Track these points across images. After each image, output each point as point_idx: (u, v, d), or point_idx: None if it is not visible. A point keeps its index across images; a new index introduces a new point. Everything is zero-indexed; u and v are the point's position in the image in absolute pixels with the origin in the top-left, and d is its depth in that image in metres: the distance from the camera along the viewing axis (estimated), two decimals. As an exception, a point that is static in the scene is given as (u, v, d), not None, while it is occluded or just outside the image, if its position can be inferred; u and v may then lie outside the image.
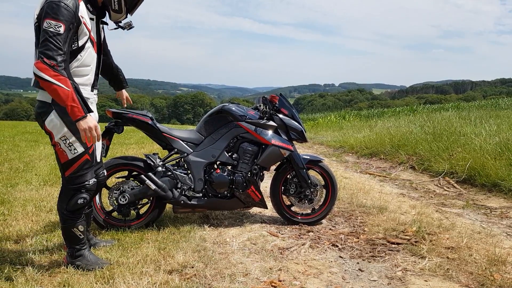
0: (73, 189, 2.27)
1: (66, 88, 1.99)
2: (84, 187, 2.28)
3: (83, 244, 2.37)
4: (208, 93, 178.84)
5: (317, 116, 22.98)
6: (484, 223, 3.61)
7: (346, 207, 4.00)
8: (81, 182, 2.26)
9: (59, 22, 2.00)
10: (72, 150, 2.21)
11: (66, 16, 2.03)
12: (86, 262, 2.33)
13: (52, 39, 1.99)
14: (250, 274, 2.38)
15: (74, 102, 2.01)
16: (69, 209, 2.27)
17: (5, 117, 57.81)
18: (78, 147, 2.21)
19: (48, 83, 1.98)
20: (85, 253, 2.36)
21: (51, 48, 1.98)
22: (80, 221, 2.33)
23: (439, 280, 2.37)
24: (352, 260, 2.68)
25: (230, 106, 3.31)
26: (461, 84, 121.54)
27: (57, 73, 1.98)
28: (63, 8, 2.02)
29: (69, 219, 2.29)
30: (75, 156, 2.22)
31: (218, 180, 3.19)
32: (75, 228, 2.31)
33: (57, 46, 2.00)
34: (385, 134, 8.84)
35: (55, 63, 1.98)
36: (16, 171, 5.37)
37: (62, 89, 1.98)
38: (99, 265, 2.34)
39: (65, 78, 2.01)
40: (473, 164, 5.16)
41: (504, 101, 17.40)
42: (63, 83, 1.99)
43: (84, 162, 2.25)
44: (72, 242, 2.34)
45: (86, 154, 2.25)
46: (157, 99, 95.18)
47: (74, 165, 2.23)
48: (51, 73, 1.97)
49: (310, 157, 3.45)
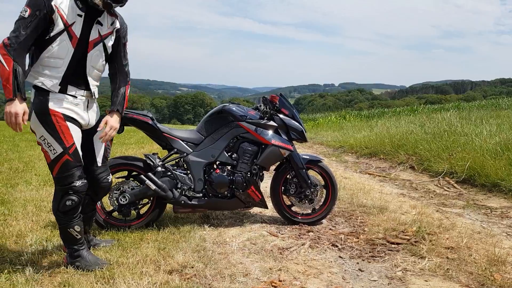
0: (61, 190, 2.25)
1: (7, 67, 2.03)
2: (71, 189, 2.23)
3: (81, 244, 2.36)
4: (208, 93, 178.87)
5: (318, 116, 22.99)
6: (484, 223, 3.62)
7: (346, 207, 4.00)
8: (68, 183, 2.22)
9: (27, 7, 2.08)
10: (52, 150, 2.19)
11: (33, 2, 2.08)
12: (85, 262, 2.33)
13: (17, 23, 2.07)
14: (250, 274, 2.38)
15: (7, 82, 2.04)
16: (60, 210, 2.26)
17: (5, 117, 57.75)
18: (57, 147, 2.18)
19: None
20: (84, 254, 2.35)
21: (13, 31, 2.06)
22: (76, 221, 2.30)
23: (439, 280, 2.37)
24: (352, 260, 2.68)
25: (230, 107, 3.31)
26: (461, 84, 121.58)
27: (6, 53, 2.04)
28: None
29: (63, 220, 2.28)
30: (55, 156, 2.19)
31: (218, 180, 3.19)
32: (71, 229, 2.30)
33: (18, 28, 2.06)
34: (385, 134, 8.84)
35: (9, 43, 2.05)
36: (16, 171, 5.37)
37: (3, 68, 2.03)
38: (98, 265, 2.33)
39: (9, 59, 2.04)
40: (473, 164, 5.16)
41: (504, 101, 17.40)
42: (6, 62, 2.03)
43: (65, 162, 2.20)
44: (70, 242, 2.33)
45: (66, 154, 2.19)
46: (157, 99, 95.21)
47: (57, 166, 2.20)
48: (2, 51, 2.04)
49: (310, 157, 3.45)
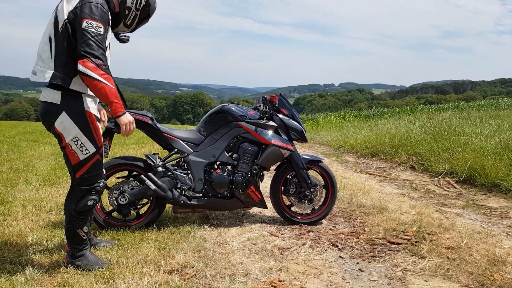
0: (84, 190, 2.29)
1: (111, 86, 2.13)
2: (94, 189, 2.31)
3: (85, 244, 2.39)
4: (208, 93, 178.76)
5: (317, 116, 22.98)
6: (484, 223, 3.62)
7: (346, 207, 4.00)
8: (93, 183, 2.30)
9: (99, 23, 2.12)
10: (84, 150, 2.22)
11: (104, 18, 2.16)
12: (86, 262, 2.34)
13: (95, 39, 2.09)
14: (250, 274, 2.38)
15: (116, 98, 2.17)
16: (77, 210, 2.29)
17: (5, 117, 57.80)
18: (90, 147, 2.23)
19: (96, 82, 2.08)
20: (86, 253, 2.37)
21: (96, 48, 2.09)
22: (87, 222, 2.36)
23: (439, 280, 2.37)
24: (352, 260, 2.68)
25: (230, 106, 3.31)
26: (461, 84, 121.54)
27: (104, 72, 2.10)
28: (101, 10, 2.15)
29: (76, 220, 2.31)
30: (87, 156, 2.23)
31: (218, 180, 3.19)
32: (80, 229, 2.33)
33: (100, 46, 2.11)
34: (385, 134, 8.84)
35: (101, 62, 2.10)
36: (16, 171, 5.37)
37: (108, 87, 2.11)
38: (99, 265, 2.34)
39: (110, 77, 2.14)
40: (473, 164, 5.16)
41: (504, 101, 17.40)
42: (109, 82, 2.12)
43: (96, 162, 2.27)
44: (76, 242, 2.35)
45: (98, 154, 2.28)
46: (157, 99, 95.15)
47: (86, 166, 2.25)
48: (99, 72, 2.08)
49: (310, 157, 3.45)
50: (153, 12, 2.52)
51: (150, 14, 2.51)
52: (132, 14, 2.41)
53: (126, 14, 2.40)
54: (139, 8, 2.42)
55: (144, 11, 2.45)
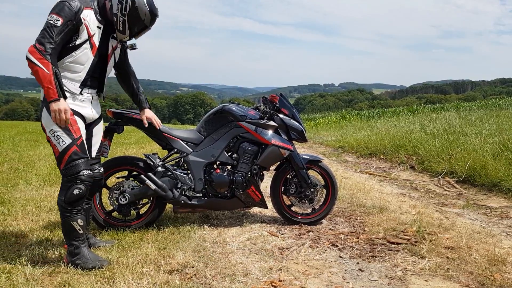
0: (69, 181, 2.35)
1: (46, 71, 2.21)
2: (78, 178, 2.35)
3: (82, 241, 2.40)
4: (208, 93, 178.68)
5: (318, 116, 22.99)
6: (484, 223, 3.62)
7: (346, 207, 4.00)
8: (75, 173, 2.34)
9: (59, 17, 2.26)
10: (60, 142, 2.33)
11: (66, 13, 2.28)
12: (85, 260, 2.35)
13: (48, 30, 2.25)
14: (250, 274, 2.38)
15: (50, 84, 2.22)
16: (66, 201, 2.34)
17: (5, 117, 57.80)
18: (66, 138, 2.33)
19: (33, 64, 2.22)
20: (84, 251, 2.39)
21: (45, 36, 2.24)
22: (79, 215, 2.39)
23: (439, 280, 2.37)
24: (352, 260, 2.68)
25: (230, 106, 3.31)
26: (461, 84, 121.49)
27: (42, 57, 2.21)
28: (66, 6, 2.29)
29: (67, 212, 2.36)
30: (64, 147, 2.32)
31: (218, 180, 3.19)
32: (75, 222, 2.36)
33: (50, 35, 2.24)
34: (385, 134, 8.84)
35: (43, 48, 2.22)
36: (16, 171, 5.37)
37: (42, 71, 2.21)
38: (98, 264, 2.35)
39: (47, 63, 2.22)
40: (473, 164, 5.16)
41: (504, 101, 17.40)
42: (44, 66, 2.21)
43: (73, 153, 2.33)
44: (71, 237, 2.38)
45: (74, 145, 2.34)
46: (157, 99, 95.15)
47: (65, 157, 2.33)
48: (37, 56, 2.21)
49: (310, 157, 3.45)
50: (146, 17, 2.54)
51: (142, 19, 2.53)
52: (120, 20, 2.48)
53: (115, 20, 2.48)
54: (125, 14, 2.48)
55: (132, 16, 2.49)
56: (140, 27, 2.58)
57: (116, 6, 2.45)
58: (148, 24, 2.59)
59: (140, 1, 2.49)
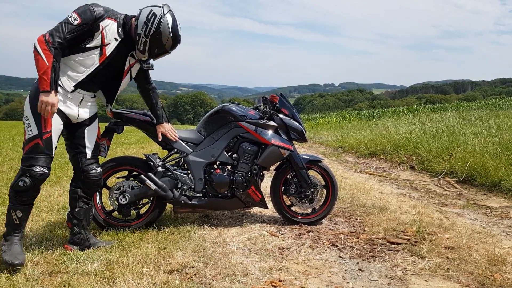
0: (22, 170, 2.34)
1: (46, 62, 2.21)
2: (29, 172, 2.32)
3: (17, 232, 2.37)
4: (208, 93, 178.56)
5: (318, 116, 22.99)
6: (484, 223, 3.62)
7: (346, 207, 4.00)
8: (29, 165, 2.32)
9: (78, 17, 2.31)
10: (28, 130, 2.33)
11: (86, 16, 2.33)
12: (7, 249, 2.31)
13: (63, 25, 2.28)
14: (250, 274, 2.38)
15: (45, 75, 2.21)
16: (12, 186, 2.36)
17: (5, 117, 57.79)
18: (34, 129, 2.31)
19: (36, 53, 2.22)
20: (14, 240, 2.35)
21: (58, 30, 2.27)
22: (20, 206, 2.35)
23: (439, 280, 2.37)
24: (352, 260, 2.68)
25: (230, 106, 3.31)
26: (461, 84, 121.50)
27: (47, 48, 2.22)
28: (89, 10, 2.35)
29: (12, 199, 2.35)
30: (29, 137, 2.32)
31: (218, 180, 3.19)
32: (14, 211, 2.35)
33: (62, 30, 2.27)
34: (385, 134, 8.85)
35: (51, 41, 2.24)
36: (16, 171, 5.36)
37: (42, 61, 2.21)
38: (13, 261, 2.24)
39: (50, 55, 2.22)
40: (473, 164, 5.17)
41: (504, 101, 17.42)
42: (46, 57, 2.21)
43: (35, 145, 2.31)
44: (8, 225, 2.37)
45: (38, 138, 2.31)
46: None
47: (27, 146, 2.33)
48: (43, 46, 2.22)
49: (310, 157, 3.45)
50: (168, 42, 2.55)
51: (164, 43, 2.54)
52: (142, 40, 2.50)
53: (137, 39, 2.50)
54: (149, 35, 2.49)
55: (154, 39, 2.50)
56: (160, 51, 2.59)
57: (141, 27, 2.48)
58: (169, 49, 2.61)
59: (165, 26, 2.50)
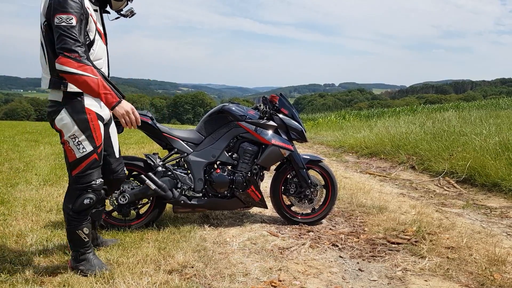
0: (80, 189, 2.22)
1: (94, 76, 1.98)
2: (90, 187, 2.23)
3: (88, 247, 2.31)
4: (208, 93, 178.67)
5: (317, 116, 22.98)
6: (484, 223, 3.61)
7: (346, 207, 4.00)
8: (88, 181, 2.21)
9: (70, 15, 1.98)
10: (80, 149, 2.17)
11: (75, 8, 2.01)
12: (89, 266, 2.27)
13: (67, 33, 1.97)
14: (250, 274, 2.38)
15: (105, 89, 2.00)
16: (75, 209, 2.21)
17: (5, 117, 57.78)
18: (87, 145, 2.18)
19: (75, 76, 1.96)
20: (90, 257, 2.30)
21: (69, 42, 1.97)
22: (86, 223, 2.26)
23: (439, 280, 2.37)
24: (352, 260, 2.68)
25: (230, 106, 3.31)
26: (461, 84, 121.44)
27: (81, 64, 1.97)
28: (70, 0, 2.00)
29: (74, 220, 2.23)
30: (84, 155, 2.18)
31: (218, 180, 3.19)
32: (80, 231, 2.25)
33: (73, 38, 1.98)
34: (385, 134, 8.84)
35: (76, 55, 1.97)
36: (16, 171, 5.37)
37: (90, 79, 1.97)
38: (101, 269, 2.28)
39: (90, 67, 1.99)
40: (473, 164, 5.16)
41: (504, 101, 17.41)
42: (89, 72, 1.97)
43: (92, 161, 2.20)
44: (77, 245, 2.27)
45: (95, 153, 2.20)
46: (157, 99, 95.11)
47: (82, 164, 2.19)
48: (75, 65, 1.95)
49: (310, 157, 3.45)
50: None
51: None
52: None
53: None
54: None
55: None
56: None
57: None
58: None
59: None
